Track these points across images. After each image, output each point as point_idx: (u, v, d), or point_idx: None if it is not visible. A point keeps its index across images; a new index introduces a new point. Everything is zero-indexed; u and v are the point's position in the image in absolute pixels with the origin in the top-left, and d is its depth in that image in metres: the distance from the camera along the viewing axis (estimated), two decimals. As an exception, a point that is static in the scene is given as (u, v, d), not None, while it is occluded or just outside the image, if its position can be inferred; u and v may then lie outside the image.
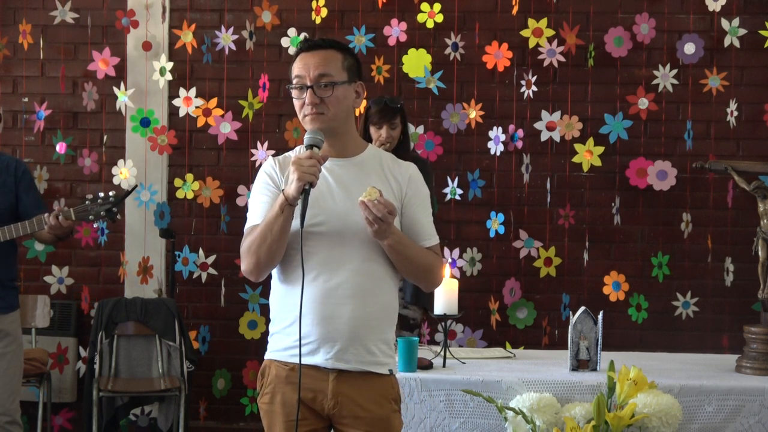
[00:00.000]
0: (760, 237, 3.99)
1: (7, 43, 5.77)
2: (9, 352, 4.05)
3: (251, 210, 2.80)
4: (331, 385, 2.68)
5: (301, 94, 2.72)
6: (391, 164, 2.81)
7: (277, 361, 2.74)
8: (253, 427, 5.76)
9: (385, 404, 2.73)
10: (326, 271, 2.66)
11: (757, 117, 5.60)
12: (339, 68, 2.73)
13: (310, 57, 2.72)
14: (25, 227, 3.91)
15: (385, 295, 2.74)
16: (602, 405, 3.38)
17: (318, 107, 2.69)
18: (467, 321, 5.58)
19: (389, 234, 2.63)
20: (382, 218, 2.58)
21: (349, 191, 2.69)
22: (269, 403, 2.75)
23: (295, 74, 2.73)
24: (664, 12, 5.62)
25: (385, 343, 2.74)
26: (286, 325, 2.71)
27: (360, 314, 2.67)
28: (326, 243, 2.67)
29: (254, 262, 2.71)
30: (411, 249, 2.72)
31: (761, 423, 3.56)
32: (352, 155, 2.78)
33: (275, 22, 5.67)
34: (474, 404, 3.57)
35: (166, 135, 5.65)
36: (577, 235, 5.67)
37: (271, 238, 2.64)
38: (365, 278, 2.69)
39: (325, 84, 2.70)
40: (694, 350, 4.98)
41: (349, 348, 2.67)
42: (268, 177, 2.78)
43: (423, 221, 2.80)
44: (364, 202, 2.58)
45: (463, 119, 5.62)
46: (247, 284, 5.63)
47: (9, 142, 5.81)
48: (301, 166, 2.57)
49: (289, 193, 2.60)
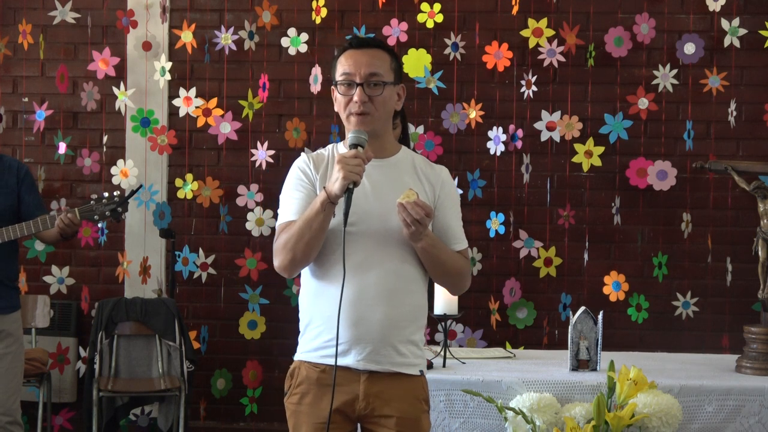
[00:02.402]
0: (760, 237, 3.99)
1: (7, 43, 5.77)
2: (10, 352, 4.05)
3: (284, 206, 2.76)
4: (362, 386, 2.68)
5: (349, 90, 2.71)
6: (424, 166, 2.82)
7: (308, 362, 2.73)
8: (253, 427, 5.76)
9: (416, 404, 2.74)
10: (359, 272, 2.64)
11: (757, 117, 5.60)
12: (388, 69, 2.73)
13: (360, 55, 2.72)
14: (29, 227, 3.93)
15: (416, 296, 2.74)
16: (602, 405, 3.38)
17: (365, 106, 2.68)
18: (467, 321, 5.58)
19: (424, 236, 2.64)
20: (419, 220, 2.58)
21: (383, 192, 2.69)
22: (297, 403, 2.73)
23: (343, 71, 2.72)
24: (664, 12, 5.62)
25: (415, 344, 2.75)
26: (318, 325, 2.70)
27: (392, 316, 2.67)
28: (359, 243, 2.66)
29: (290, 259, 2.67)
30: (443, 252, 2.73)
31: (761, 423, 3.56)
32: (387, 156, 2.78)
33: (275, 22, 5.67)
34: (474, 404, 3.56)
35: (166, 135, 5.65)
36: (577, 235, 5.67)
37: (310, 235, 2.61)
38: (397, 280, 2.69)
39: (374, 83, 2.70)
40: (694, 350, 4.98)
41: (381, 349, 2.67)
42: (301, 173, 2.76)
43: (454, 225, 2.81)
44: (403, 204, 2.58)
45: (463, 119, 5.62)
46: (247, 284, 5.63)
47: (9, 142, 5.82)
48: (347, 165, 2.56)
49: (333, 191, 2.58)
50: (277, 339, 5.73)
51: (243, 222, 5.66)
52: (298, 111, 5.72)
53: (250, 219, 5.62)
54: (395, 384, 2.70)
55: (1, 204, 4.04)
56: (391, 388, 2.69)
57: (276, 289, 5.59)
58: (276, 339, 5.72)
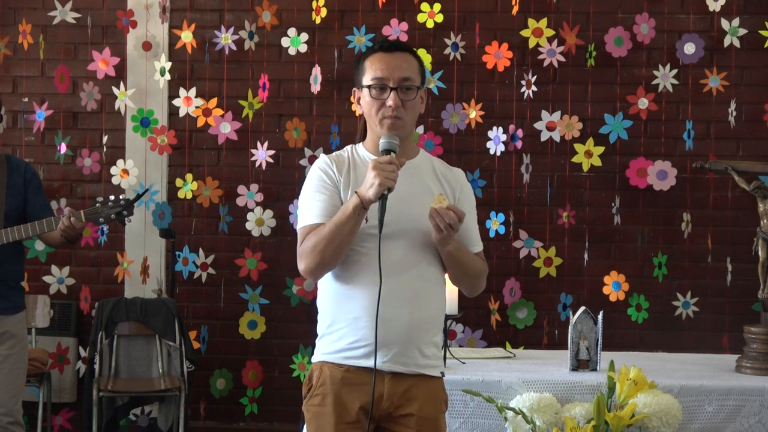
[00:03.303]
0: (760, 237, 3.99)
1: (7, 43, 5.77)
2: (13, 353, 4.05)
3: (307, 208, 2.75)
4: (387, 386, 2.69)
5: (382, 94, 2.71)
6: (443, 169, 2.84)
7: (331, 363, 2.72)
8: (253, 427, 5.76)
9: (436, 405, 2.77)
10: (384, 275, 2.63)
11: (757, 117, 5.60)
12: (417, 73, 2.76)
13: (392, 59, 2.73)
14: (35, 228, 3.93)
15: (438, 299, 2.78)
16: (602, 405, 3.38)
17: (398, 110, 2.69)
18: (467, 321, 5.58)
19: (452, 240, 2.66)
20: (452, 225, 2.60)
21: (406, 195, 2.69)
22: (320, 405, 2.72)
23: (375, 75, 2.72)
24: (664, 12, 5.62)
25: (436, 346, 2.78)
26: (341, 327, 2.70)
27: (417, 318, 2.69)
28: (384, 246, 2.64)
29: (318, 262, 2.67)
30: (466, 255, 2.76)
31: (761, 423, 3.56)
32: (409, 158, 2.79)
33: (275, 22, 5.67)
34: (474, 404, 3.57)
35: (166, 135, 5.65)
36: (577, 235, 5.67)
37: (340, 239, 2.62)
38: (421, 282, 2.71)
39: (407, 87, 2.71)
40: (694, 350, 4.98)
41: (407, 351, 2.69)
42: (324, 175, 2.76)
43: (471, 227, 2.83)
44: (436, 209, 2.59)
45: (463, 119, 5.62)
46: (246, 284, 5.62)
47: (9, 142, 5.82)
48: (383, 171, 2.56)
49: (367, 196, 2.58)
50: (277, 339, 5.73)
51: (243, 222, 5.66)
52: (298, 111, 5.72)
53: (250, 219, 5.62)
54: (418, 385, 2.72)
55: (8, 205, 4.03)
56: (414, 388, 2.72)
57: (276, 289, 5.58)
58: (276, 339, 5.72)
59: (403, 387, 2.70)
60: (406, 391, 2.71)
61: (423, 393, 2.72)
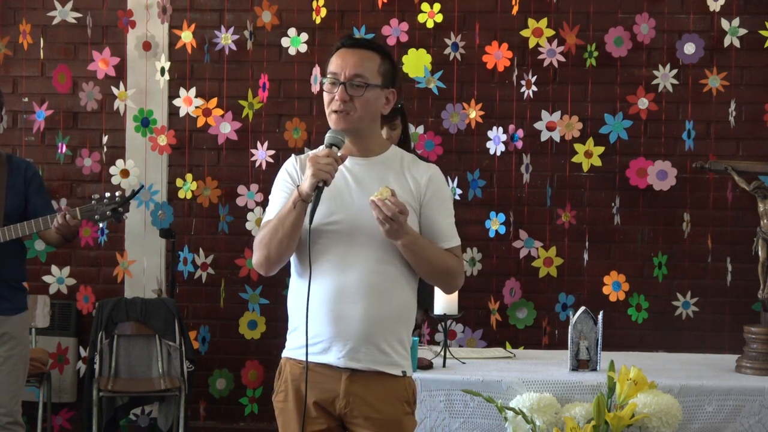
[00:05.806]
0: (760, 237, 3.99)
1: (7, 43, 5.77)
2: (14, 355, 4.03)
3: (269, 205, 2.80)
4: (343, 384, 2.68)
5: (333, 89, 2.72)
6: (410, 164, 2.80)
7: (292, 359, 2.75)
8: (253, 427, 5.77)
9: (397, 405, 2.72)
10: (339, 269, 2.66)
11: (757, 117, 5.60)
12: (374, 71, 2.73)
13: (349, 55, 2.73)
14: (30, 226, 3.92)
15: (401, 295, 2.72)
16: (602, 405, 3.38)
17: (346, 105, 2.69)
18: (467, 321, 5.58)
19: (402, 234, 2.62)
20: (392, 218, 2.57)
21: (366, 190, 2.68)
22: (284, 401, 2.78)
23: (330, 70, 2.73)
24: (664, 12, 5.62)
25: (400, 344, 2.73)
26: (300, 323, 2.69)
27: (373, 314, 2.66)
28: (341, 241, 2.67)
29: (264, 256, 2.70)
30: (427, 250, 2.70)
31: (761, 423, 3.56)
32: (374, 155, 2.78)
33: (275, 22, 5.67)
34: (474, 404, 3.57)
35: (166, 135, 5.65)
36: (577, 235, 5.67)
37: (282, 232, 2.65)
38: (379, 278, 2.68)
39: (357, 84, 2.70)
40: (694, 350, 4.98)
41: (361, 347, 2.66)
42: (287, 174, 2.80)
43: (441, 222, 2.77)
44: (374, 201, 2.58)
45: (463, 119, 5.62)
46: (247, 284, 5.63)
47: (9, 142, 5.81)
48: (317, 164, 2.59)
49: (303, 189, 2.62)
50: (277, 339, 5.71)
51: (243, 222, 5.66)
52: (298, 111, 5.72)
53: (250, 219, 5.62)
54: (377, 384, 2.69)
55: (8, 205, 4.02)
56: (372, 387, 2.68)
57: (276, 289, 5.58)
58: (276, 339, 5.71)
59: (359, 385, 2.67)
60: (363, 391, 2.68)
61: (382, 392, 2.69)
